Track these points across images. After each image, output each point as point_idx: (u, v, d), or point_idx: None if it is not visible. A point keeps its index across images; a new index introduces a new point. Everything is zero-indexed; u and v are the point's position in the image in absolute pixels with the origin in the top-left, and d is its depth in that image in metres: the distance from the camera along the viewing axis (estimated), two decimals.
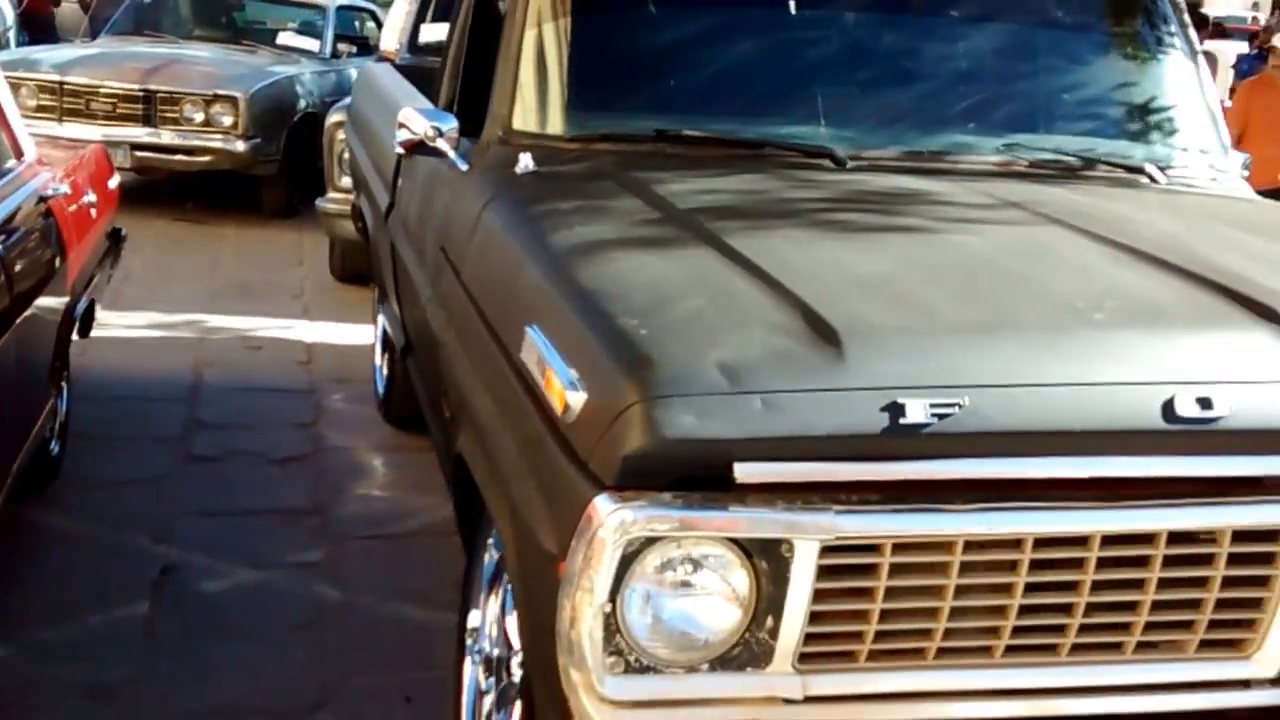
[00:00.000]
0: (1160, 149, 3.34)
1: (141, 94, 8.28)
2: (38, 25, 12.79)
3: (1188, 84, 3.51)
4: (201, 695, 3.09)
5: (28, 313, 3.46)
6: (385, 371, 5.03)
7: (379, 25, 10.28)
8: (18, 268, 3.40)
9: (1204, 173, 3.34)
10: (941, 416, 1.81)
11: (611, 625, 1.80)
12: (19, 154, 3.90)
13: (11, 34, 11.94)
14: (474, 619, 2.61)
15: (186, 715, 3.01)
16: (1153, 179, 3.18)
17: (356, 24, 10.93)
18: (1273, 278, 2.21)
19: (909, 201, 2.66)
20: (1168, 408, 1.89)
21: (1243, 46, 13.25)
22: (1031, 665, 1.96)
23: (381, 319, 4.98)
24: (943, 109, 3.20)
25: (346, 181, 6.32)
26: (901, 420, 1.80)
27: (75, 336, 4.34)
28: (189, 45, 9.60)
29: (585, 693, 1.83)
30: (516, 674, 2.29)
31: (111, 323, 5.71)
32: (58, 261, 3.85)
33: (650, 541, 1.78)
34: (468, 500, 2.57)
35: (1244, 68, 10.93)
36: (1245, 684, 2.04)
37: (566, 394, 1.91)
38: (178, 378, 5.41)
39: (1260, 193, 3.43)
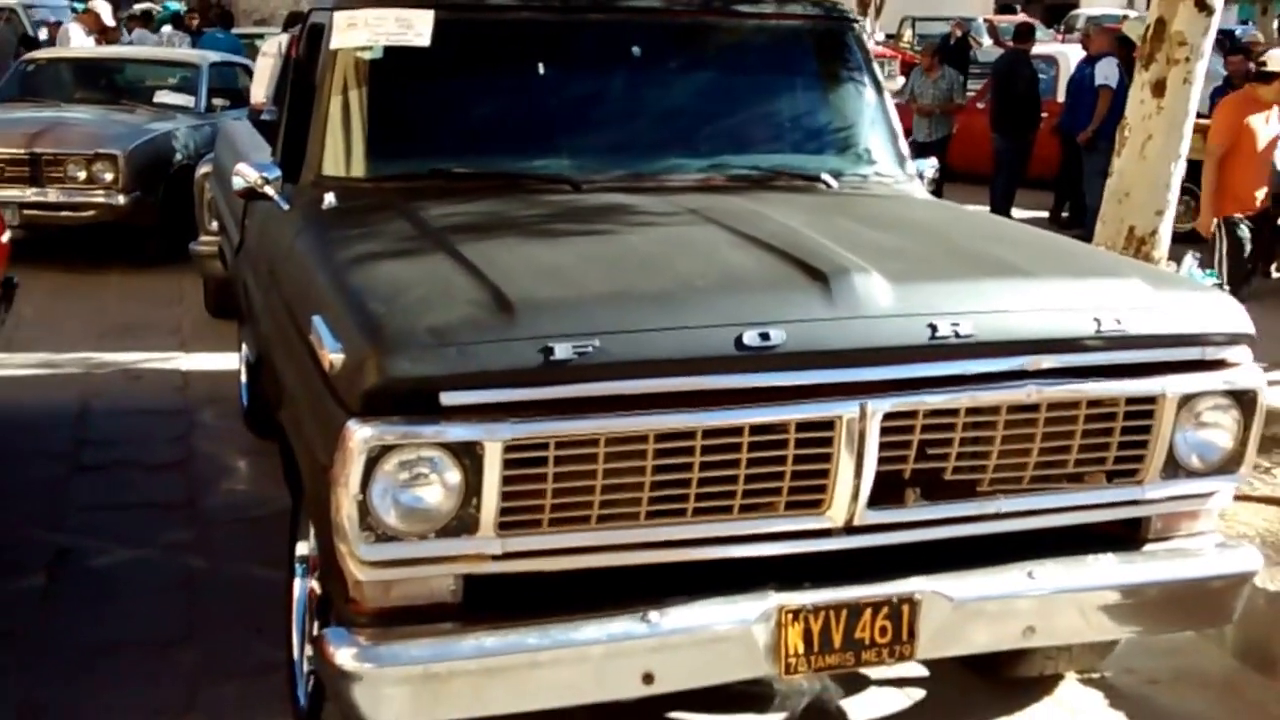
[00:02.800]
0: (836, 162, 4.26)
1: (27, 157, 8.99)
2: None
3: (867, 110, 4.45)
4: (88, 637, 3.89)
5: None
6: (247, 387, 5.82)
7: (252, 79, 11.01)
8: None
9: (877, 180, 4.27)
10: (581, 354, 2.68)
11: (364, 509, 2.64)
12: None
13: None
14: (301, 548, 3.44)
15: (75, 649, 3.81)
16: (827, 185, 4.09)
17: (232, 77, 11.60)
18: (839, 251, 3.10)
19: (610, 212, 3.56)
20: (739, 340, 2.78)
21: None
22: (666, 524, 2.83)
23: (244, 344, 5.77)
24: (660, 139, 4.12)
25: (215, 225, 7.08)
26: (552, 358, 2.67)
27: None
28: (71, 108, 10.29)
29: (349, 558, 2.67)
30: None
31: (5, 362, 6.42)
32: None
33: (386, 449, 2.63)
34: (289, 457, 3.40)
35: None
36: (826, 532, 2.93)
37: (331, 356, 2.77)
38: (66, 406, 6.16)
39: (1247, 218, 4.06)
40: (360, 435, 2.61)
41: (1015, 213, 11.20)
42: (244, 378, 5.95)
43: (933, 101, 12.40)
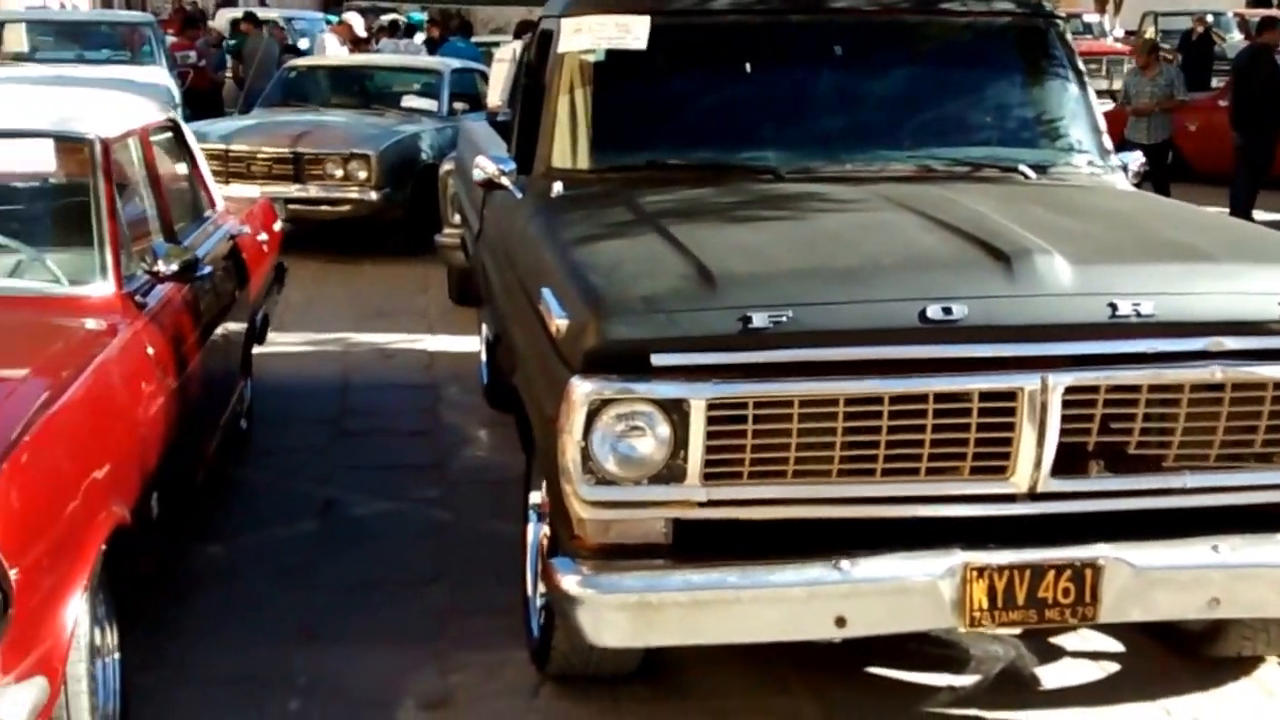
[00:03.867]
0: (1035, 154, 4.46)
1: (291, 156, 9.81)
2: (199, 100, 14.47)
3: (1069, 103, 4.63)
4: (354, 573, 4.42)
5: (227, 319, 4.85)
6: (487, 365, 6.34)
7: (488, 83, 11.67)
8: (221, 286, 4.79)
9: (1077, 172, 4.45)
10: (775, 323, 3.02)
11: (585, 455, 3.03)
12: (213, 204, 5.32)
13: (178, 110, 13.65)
14: (534, 497, 3.87)
15: (341, 584, 4.35)
16: (1026, 176, 4.30)
17: (471, 82, 12.31)
18: (1023, 233, 3.34)
19: (808, 199, 3.88)
20: (922, 314, 3.06)
21: None
22: (856, 482, 3.13)
23: (484, 325, 6.29)
24: (861, 132, 4.41)
25: (457, 219, 7.66)
26: (750, 326, 3.01)
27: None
28: (328, 112, 11.15)
29: (573, 498, 3.07)
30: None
31: (276, 340, 7.10)
32: (244, 283, 5.24)
33: (605, 403, 3.01)
34: (523, 416, 3.83)
35: None
36: (1010, 498, 3.18)
37: (558, 322, 3.18)
38: (329, 379, 6.81)
39: None
40: (582, 390, 3.00)
41: (1258, 215, 10.87)
42: (484, 357, 6.48)
43: (1150, 99, 12.05)
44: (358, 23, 15.26)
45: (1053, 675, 3.87)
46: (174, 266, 4.13)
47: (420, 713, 3.61)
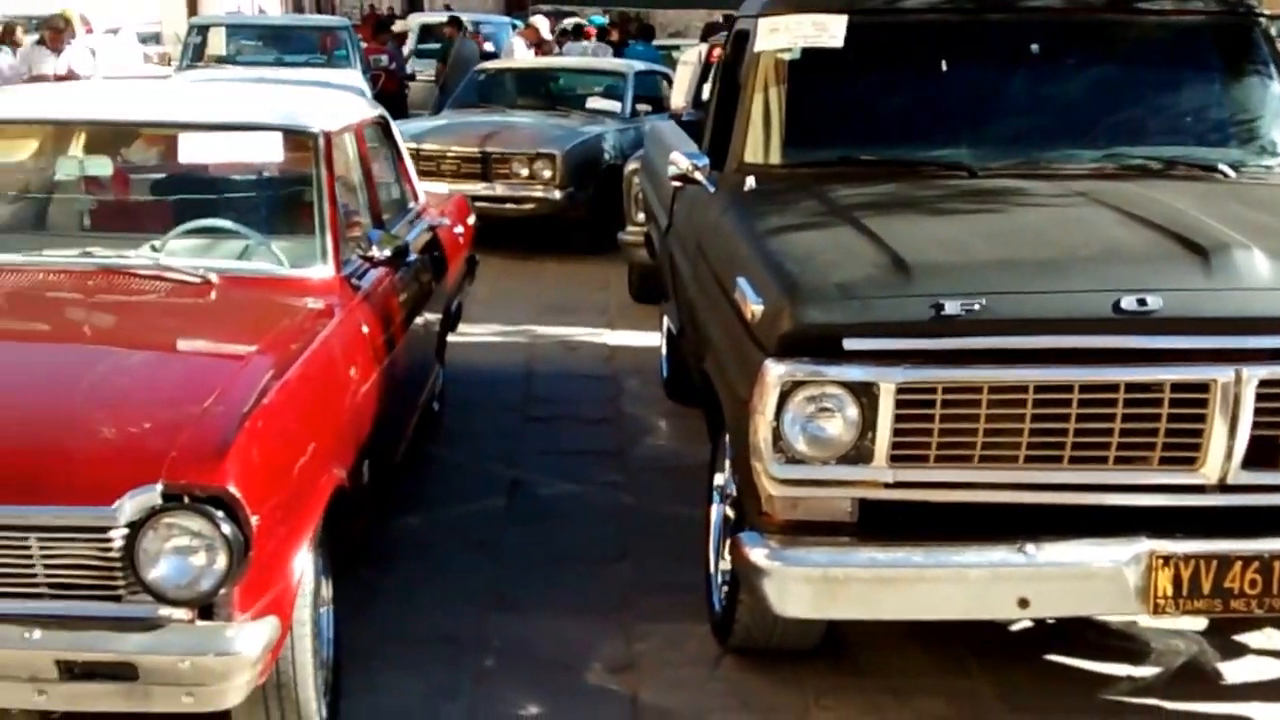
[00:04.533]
0: (1236, 153, 4.42)
1: (480, 155, 10.15)
2: (388, 103, 15.00)
3: (1272, 103, 4.59)
4: (541, 548, 4.64)
5: (427, 305, 5.11)
6: (667, 359, 6.51)
7: (671, 86, 11.89)
8: (422, 274, 5.06)
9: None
10: (968, 311, 3.11)
11: (776, 434, 3.16)
12: (416, 197, 5.61)
13: None
14: (719, 479, 4.02)
15: (530, 558, 4.57)
16: (1225, 175, 4.28)
17: (653, 85, 12.54)
18: (1221, 228, 3.36)
19: (1002, 194, 3.95)
20: (1116, 305, 3.12)
21: None
22: (1044, 469, 3.20)
23: (665, 319, 6.46)
24: (1057, 129, 4.44)
25: (641, 217, 7.85)
26: (942, 313, 3.11)
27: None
28: (516, 113, 11.48)
29: (763, 475, 3.21)
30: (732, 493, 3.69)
31: (464, 331, 7.38)
32: (442, 272, 5.50)
33: (796, 384, 3.14)
34: (711, 403, 3.98)
35: None
36: (1199, 488, 3.21)
37: (753, 308, 3.32)
38: (515, 369, 7.08)
39: None
40: (775, 372, 3.14)
41: None
42: (664, 351, 6.65)
43: None
44: (544, 25, 15.65)
45: (1236, 670, 3.87)
46: (386, 252, 4.39)
47: (606, 676, 3.80)
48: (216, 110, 4.67)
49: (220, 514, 2.85)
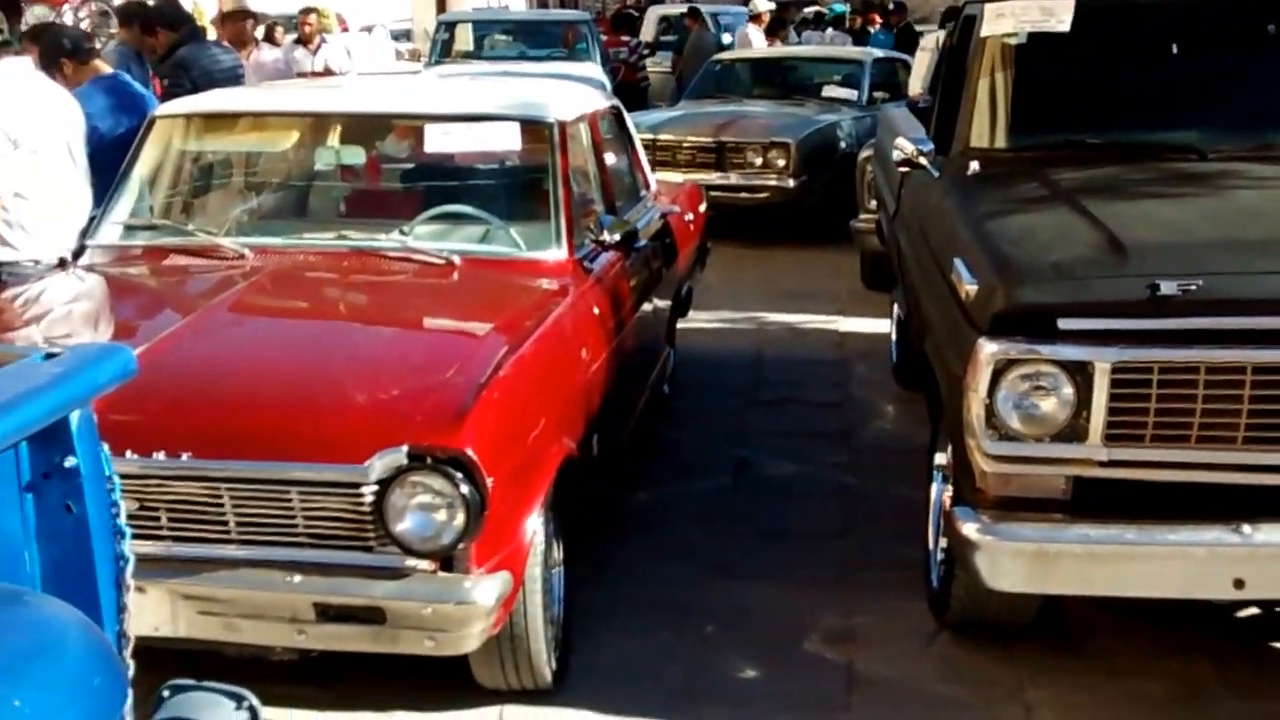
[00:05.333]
0: None
1: (714, 145, 10.33)
2: (627, 95, 15.33)
3: None
4: (765, 524, 4.78)
5: (657, 289, 5.31)
6: (897, 345, 6.55)
7: (909, 73, 11.80)
8: (653, 259, 5.26)
9: None
10: (1185, 291, 3.11)
11: (990, 411, 3.23)
12: (647, 186, 5.82)
13: None
14: (939, 458, 4.08)
15: (753, 532, 4.71)
16: None
17: (891, 72, 12.48)
18: None
19: (1229, 177, 3.89)
20: None
21: None
22: (1261, 450, 3.17)
23: (895, 305, 6.51)
24: None
25: (873, 204, 7.89)
26: (1158, 294, 3.11)
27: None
28: (750, 103, 11.62)
29: (977, 452, 3.28)
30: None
31: (694, 317, 7.57)
32: (673, 258, 5.70)
33: (1010, 363, 3.20)
34: (930, 383, 4.05)
35: None
36: None
37: (968, 287, 3.38)
38: (744, 353, 7.22)
39: None
40: (988, 350, 3.20)
41: None
42: (894, 337, 6.69)
43: None
44: (766, 8, 15.69)
45: None
46: (616, 237, 4.60)
47: (824, 645, 3.91)
48: (459, 102, 4.97)
49: (459, 475, 3.10)
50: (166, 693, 1.86)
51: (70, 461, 1.74)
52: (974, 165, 4.36)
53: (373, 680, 3.62)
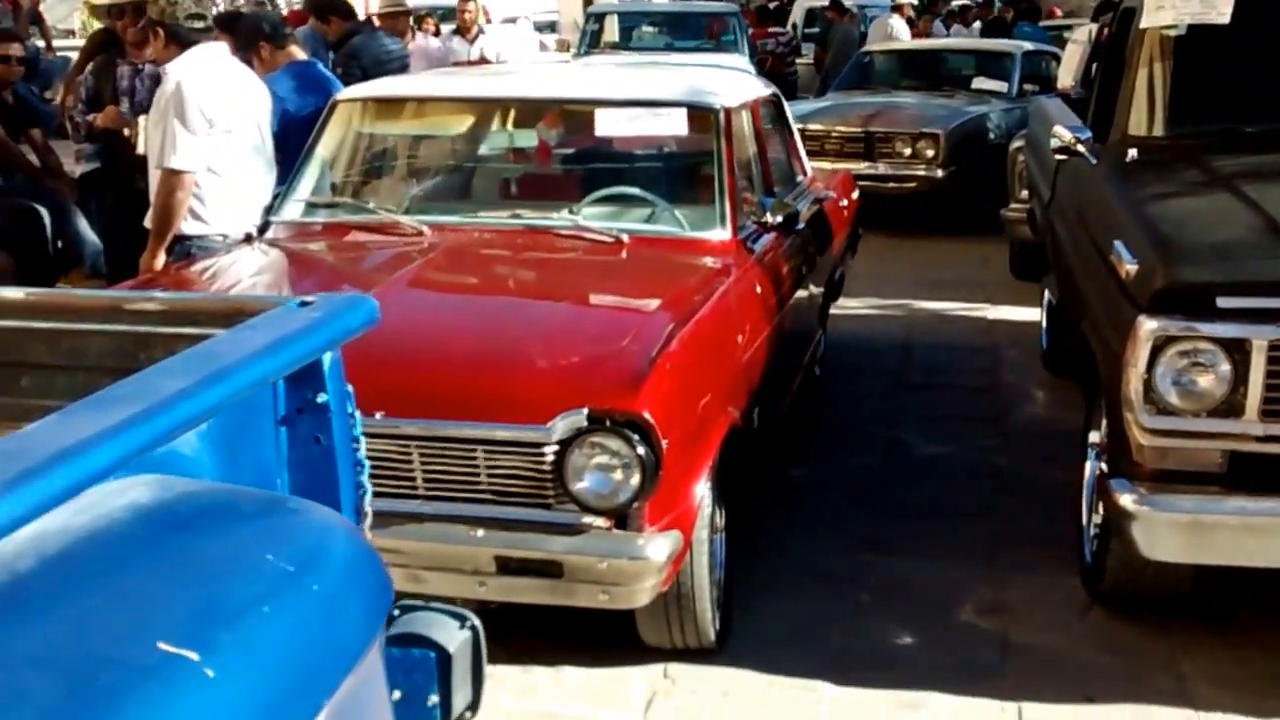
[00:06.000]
0: None
1: (863, 135, 10.41)
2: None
3: None
4: (915, 502, 4.91)
5: (813, 272, 5.45)
6: (1047, 331, 6.59)
7: (1059, 66, 11.71)
8: (809, 242, 5.40)
9: None
10: None
11: (1148, 386, 3.32)
12: (804, 172, 5.96)
13: None
14: (1093, 436, 4.16)
15: (907, 510, 4.84)
16: None
17: (1041, 66, 12.40)
18: None
19: None
20: None
21: None
22: None
23: (1045, 292, 6.55)
24: None
25: (1024, 193, 7.90)
26: None
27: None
28: (899, 94, 11.66)
29: (1134, 426, 3.37)
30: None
31: (843, 304, 7.68)
32: (827, 242, 5.84)
33: (1168, 339, 3.29)
34: (1087, 362, 4.13)
35: None
36: None
37: (1128, 267, 3.47)
38: (893, 339, 7.33)
39: None
40: (1148, 327, 3.30)
41: None
42: (1044, 324, 6.73)
43: None
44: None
45: None
46: (778, 218, 4.76)
47: (976, 615, 4.03)
48: (629, 88, 5.17)
49: (636, 437, 3.29)
50: (397, 611, 2.07)
51: (321, 398, 1.96)
52: (1132, 152, 4.42)
53: (544, 637, 3.82)
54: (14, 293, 2.22)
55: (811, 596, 4.20)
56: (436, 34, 12.23)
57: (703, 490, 3.57)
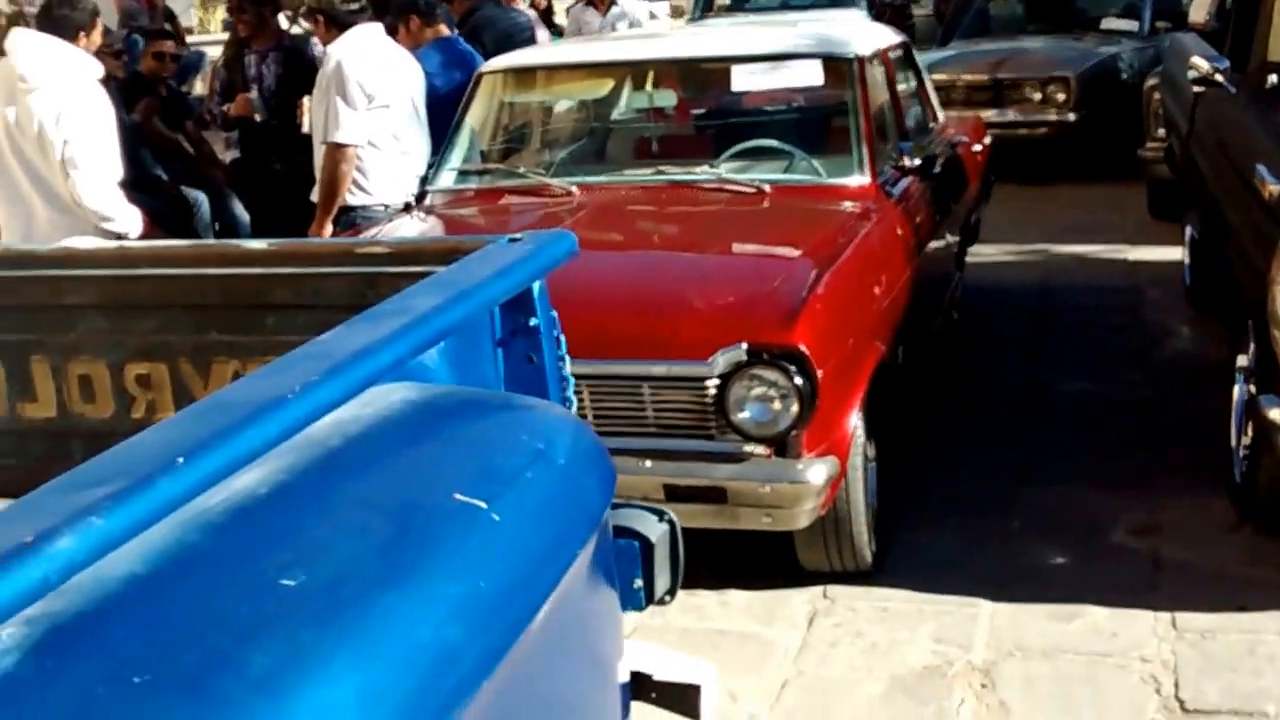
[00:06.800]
0: None
1: (990, 82, 10.38)
2: None
3: None
4: (1062, 435, 5.02)
5: (949, 215, 5.56)
6: (1190, 268, 6.59)
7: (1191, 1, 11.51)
8: (945, 186, 5.51)
9: None
10: None
11: None
12: (936, 118, 6.06)
13: None
14: (1240, 360, 4.23)
15: (1053, 442, 4.95)
16: None
17: (1172, 2, 12.16)
18: None
19: None
20: None
21: None
22: None
23: (1187, 228, 6.56)
24: None
25: (1160, 132, 7.87)
26: None
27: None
28: (1026, 39, 11.57)
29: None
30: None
31: (978, 251, 7.74)
32: (962, 186, 5.93)
33: None
34: (1232, 287, 4.21)
35: None
36: None
37: (1271, 188, 3.55)
38: (1030, 283, 7.37)
39: None
40: None
41: None
42: (1186, 260, 6.73)
43: None
44: None
45: None
46: (916, 162, 4.89)
47: (1129, 537, 4.14)
48: (764, 43, 5.32)
49: (793, 368, 3.48)
50: None
51: (532, 322, 2.18)
52: (1272, 78, 4.46)
53: (709, 562, 4.03)
54: (258, 243, 2.49)
55: (963, 524, 4.34)
56: (539, 7, 12.37)
57: (855, 420, 3.74)
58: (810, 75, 4.95)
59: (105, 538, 1.20)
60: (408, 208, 5.13)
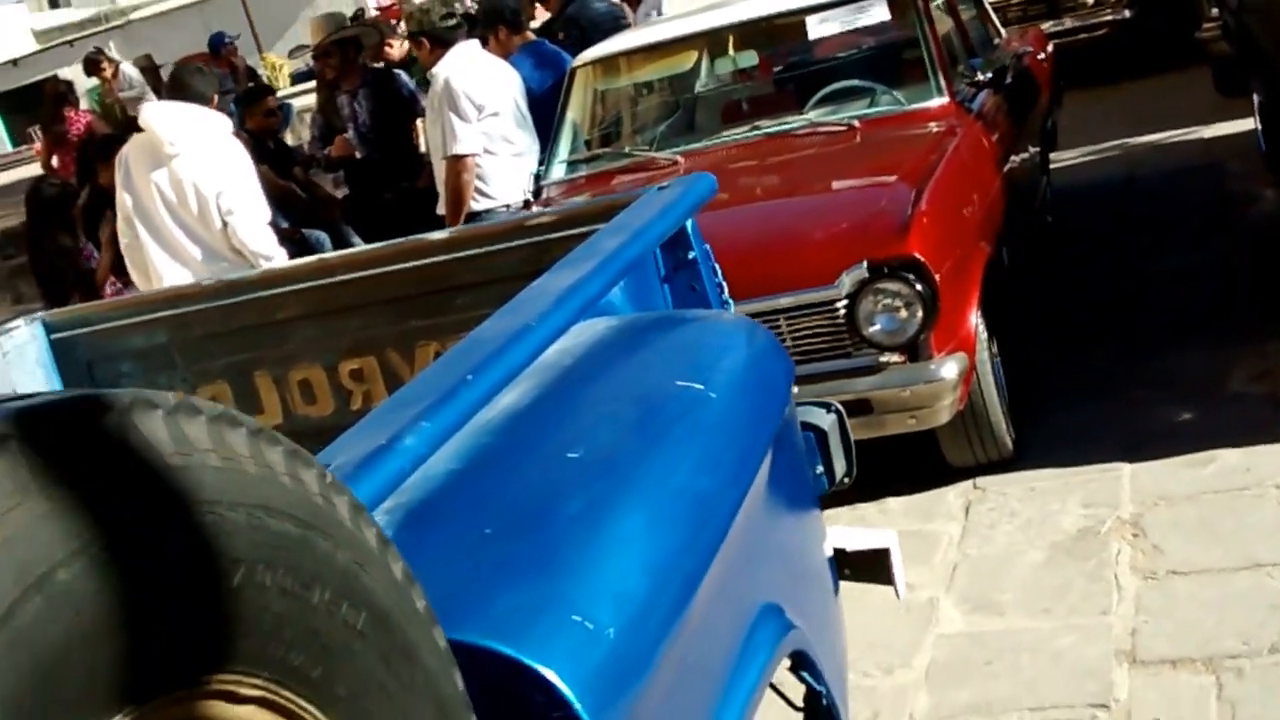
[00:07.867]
0: None
1: None
2: None
3: None
4: (1166, 309, 5.29)
5: (1027, 122, 5.83)
6: (1263, 133, 6.76)
7: None
8: (1019, 95, 5.78)
9: None
10: None
11: None
12: (998, 34, 6.34)
13: None
14: None
15: (1157, 316, 5.22)
16: None
17: None
18: None
19: None
20: None
21: None
22: None
23: (1255, 96, 6.73)
24: None
25: (1215, 12, 8.01)
26: None
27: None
28: None
29: None
30: None
31: (1061, 156, 7.94)
32: (1035, 94, 6.20)
33: None
34: None
35: None
36: None
37: None
38: (1113, 178, 7.59)
39: None
40: None
41: None
42: (1259, 127, 6.90)
43: None
44: None
45: None
46: (989, 75, 5.18)
47: (1248, 384, 4.42)
48: None
49: (913, 277, 3.81)
50: None
51: (690, 255, 2.55)
52: None
53: (862, 477, 4.35)
54: (438, 235, 2.89)
55: (1089, 401, 4.64)
56: None
57: (976, 318, 4.06)
58: (878, 12, 5.25)
59: (433, 436, 1.60)
60: (527, 204, 5.51)
